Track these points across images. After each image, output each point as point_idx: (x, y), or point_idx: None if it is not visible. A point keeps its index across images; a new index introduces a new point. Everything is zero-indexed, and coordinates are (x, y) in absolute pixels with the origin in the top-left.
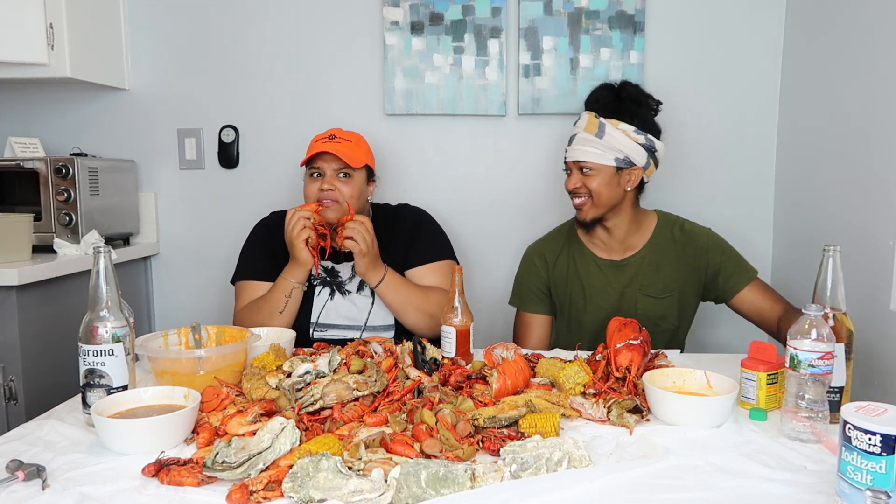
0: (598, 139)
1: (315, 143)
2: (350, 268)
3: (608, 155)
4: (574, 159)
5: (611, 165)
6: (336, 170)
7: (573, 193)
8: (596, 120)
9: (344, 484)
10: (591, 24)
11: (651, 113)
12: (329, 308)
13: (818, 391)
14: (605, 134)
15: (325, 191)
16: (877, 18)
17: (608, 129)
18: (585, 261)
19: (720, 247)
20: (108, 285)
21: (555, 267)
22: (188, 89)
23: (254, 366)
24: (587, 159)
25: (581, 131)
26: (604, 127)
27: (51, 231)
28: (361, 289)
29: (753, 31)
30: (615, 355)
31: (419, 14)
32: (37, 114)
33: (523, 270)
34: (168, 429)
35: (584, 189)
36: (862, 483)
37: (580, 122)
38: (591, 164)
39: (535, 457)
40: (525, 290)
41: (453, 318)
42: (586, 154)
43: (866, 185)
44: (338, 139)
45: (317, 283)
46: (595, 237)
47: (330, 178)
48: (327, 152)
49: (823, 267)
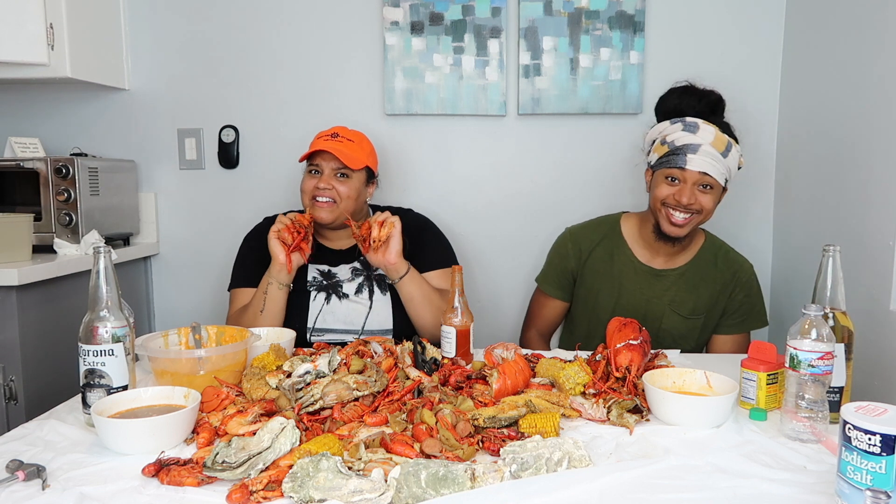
0: (723, 158)
1: (317, 139)
2: (348, 269)
3: (724, 175)
4: (703, 170)
5: (721, 185)
6: (334, 169)
7: (684, 208)
8: (723, 137)
9: (344, 484)
10: (591, 24)
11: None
12: (325, 312)
13: (818, 391)
14: (729, 154)
15: (321, 189)
16: (877, 18)
17: (733, 150)
18: (624, 261)
19: (750, 287)
20: (108, 285)
21: (589, 258)
22: (188, 89)
23: (254, 366)
24: (715, 174)
25: (707, 144)
26: (730, 147)
27: (51, 231)
28: (360, 292)
29: (753, 31)
30: (615, 355)
31: (419, 14)
32: (37, 114)
33: (555, 251)
34: (168, 429)
35: (696, 205)
36: (862, 483)
37: (703, 134)
38: (713, 181)
39: (535, 457)
40: (551, 270)
41: (453, 318)
42: (714, 169)
43: (866, 185)
44: (340, 138)
45: (312, 289)
46: (653, 245)
47: (327, 176)
48: (327, 151)
49: (823, 267)
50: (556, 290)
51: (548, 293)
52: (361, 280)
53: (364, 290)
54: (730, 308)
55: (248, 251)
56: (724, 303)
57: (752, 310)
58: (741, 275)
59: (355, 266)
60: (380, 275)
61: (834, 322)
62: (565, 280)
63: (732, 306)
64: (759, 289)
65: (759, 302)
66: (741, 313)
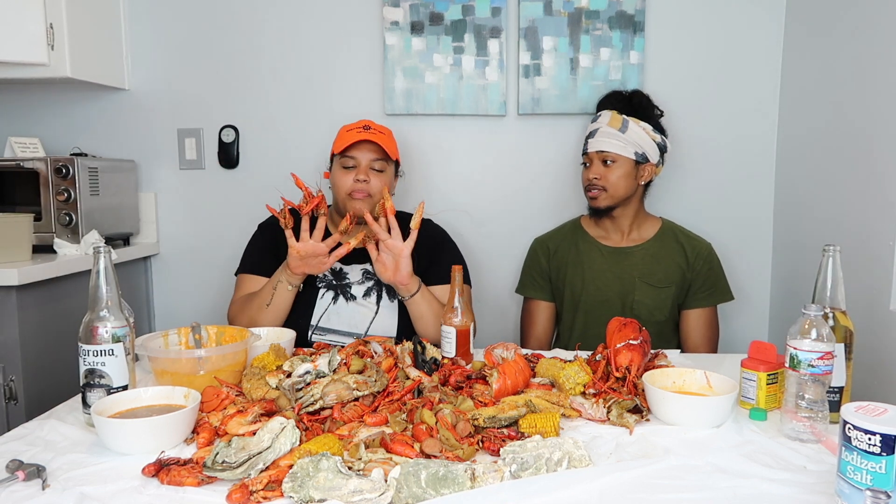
0: (621, 133)
1: (348, 132)
2: (360, 271)
3: (629, 148)
4: (598, 149)
5: (631, 158)
6: (371, 160)
7: (590, 185)
8: (619, 116)
9: (344, 484)
10: (591, 24)
11: (657, 120)
12: (331, 312)
13: (818, 391)
14: (627, 129)
15: (360, 181)
16: (877, 18)
17: (631, 125)
18: (588, 248)
19: (711, 261)
20: (108, 285)
21: (556, 253)
22: (188, 89)
23: (254, 366)
24: (611, 150)
25: (604, 126)
26: (627, 123)
27: (51, 231)
28: (368, 295)
29: (753, 30)
30: (615, 355)
31: (419, 14)
32: (37, 114)
33: (528, 259)
34: (168, 429)
35: (601, 181)
36: (862, 483)
37: (602, 119)
38: (614, 156)
39: (535, 457)
40: (526, 276)
41: (453, 318)
42: (610, 145)
43: (866, 185)
44: (373, 130)
45: (321, 286)
46: (601, 227)
47: (365, 168)
48: (367, 140)
49: (823, 267)
50: (537, 292)
51: (531, 296)
52: (371, 284)
53: (373, 293)
54: (696, 282)
55: (260, 239)
56: (690, 277)
57: (717, 283)
58: (701, 249)
59: (367, 269)
60: None
61: (834, 322)
62: (542, 279)
63: (698, 280)
64: (720, 264)
65: (722, 276)
66: (707, 286)
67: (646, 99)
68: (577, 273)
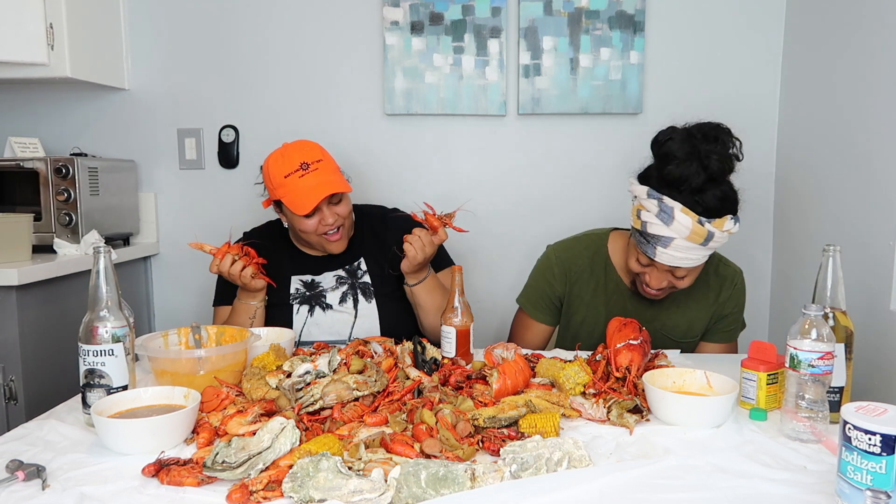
0: (703, 247)
1: (290, 180)
2: (332, 278)
3: (707, 254)
4: (672, 265)
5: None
6: (327, 199)
7: (649, 286)
8: (702, 229)
9: (344, 484)
10: (591, 24)
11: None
12: (310, 324)
13: (818, 391)
14: (711, 241)
15: (328, 224)
16: (877, 19)
17: (717, 236)
18: (611, 287)
19: (739, 296)
20: (108, 285)
21: (576, 283)
22: (188, 89)
23: (254, 366)
24: (688, 265)
25: (681, 239)
26: (712, 236)
27: (51, 231)
28: (344, 301)
29: (753, 31)
30: (615, 355)
31: (419, 14)
32: (37, 114)
33: (539, 274)
34: (168, 429)
35: (669, 287)
36: (862, 483)
37: (677, 227)
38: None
39: (535, 457)
40: (535, 295)
41: (453, 318)
42: (688, 262)
43: (866, 185)
44: (313, 166)
45: (294, 302)
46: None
47: (326, 212)
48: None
49: (823, 267)
50: (543, 315)
51: (534, 317)
52: (345, 289)
53: (348, 298)
54: (720, 316)
55: None
56: (717, 314)
57: (739, 318)
58: (735, 280)
59: (339, 274)
60: (364, 283)
61: (834, 322)
62: (552, 305)
63: (723, 315)
64: (744, 295)
65: (742, 309)
66: (729, 321)
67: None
68: (593, 315)
